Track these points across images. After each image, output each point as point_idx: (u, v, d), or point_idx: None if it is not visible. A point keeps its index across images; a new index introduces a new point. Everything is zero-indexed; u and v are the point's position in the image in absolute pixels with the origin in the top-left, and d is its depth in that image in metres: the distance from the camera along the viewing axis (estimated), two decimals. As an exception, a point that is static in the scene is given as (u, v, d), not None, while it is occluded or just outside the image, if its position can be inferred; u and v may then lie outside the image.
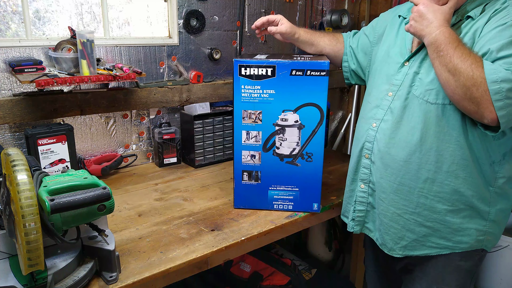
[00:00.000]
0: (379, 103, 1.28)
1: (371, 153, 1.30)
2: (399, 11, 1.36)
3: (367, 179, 1.34)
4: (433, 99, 1.15)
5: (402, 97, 1.22)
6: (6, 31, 1.51)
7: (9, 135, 1.57)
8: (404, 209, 1.25)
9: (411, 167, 1.20)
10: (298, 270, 2.21)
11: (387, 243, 1.31)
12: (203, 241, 1.26)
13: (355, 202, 1.38)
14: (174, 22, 1.87)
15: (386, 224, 1.29)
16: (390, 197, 1.26)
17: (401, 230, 1.27)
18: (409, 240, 1.26)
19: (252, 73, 1.33)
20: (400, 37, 1.31)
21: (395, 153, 1.22)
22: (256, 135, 1.40)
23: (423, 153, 1.18)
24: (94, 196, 0.92)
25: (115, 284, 1.04)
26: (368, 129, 1.31)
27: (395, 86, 1.25)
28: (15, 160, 0.85)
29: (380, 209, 1.30)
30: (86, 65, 1.49)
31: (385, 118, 1.26)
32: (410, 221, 1.25)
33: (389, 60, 1.31)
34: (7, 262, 0.99)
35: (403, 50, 1.27)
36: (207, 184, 1.73)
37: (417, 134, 1.18)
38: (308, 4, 2.33)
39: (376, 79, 1.35)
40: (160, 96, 1.86)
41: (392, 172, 1.24)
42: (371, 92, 1.36)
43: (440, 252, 1.25)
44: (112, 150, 1.85)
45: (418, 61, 1.21)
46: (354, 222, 1.41)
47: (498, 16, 1.08)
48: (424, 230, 1.24)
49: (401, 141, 1.21)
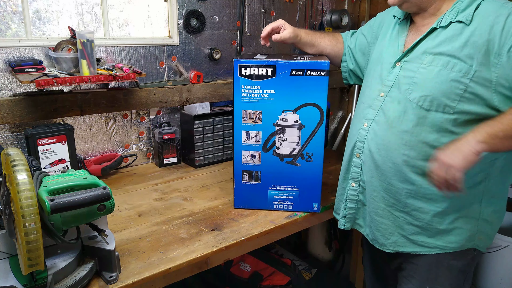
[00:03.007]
0: (371, 103, 1.28)
1: (362, 152, 1.30)
2: (395, 11, 1.35)
3: (358, 178, 1.34)
4: (427, 106, 1.14)
5: (395, 98, 1.21)
6: (6, 31, 1.51)
7: (9, 135, 1.57)
8: (394, 207, 1.26)
9: (400, 169, 1.20)
10: (298, 270, 2.21)
11: (378, 239, 1.32)
12: (203, 241, 1.26)
13: (346, 200, 1.39)
14: (174, 22, 1.87)
15: (377, 221, 1.30)
16: (380, 194, 1.27)
17: (391, 226, 1.28)
18: (399, 236, 1.27)
19: (252, 73, 1.33)
20: (394, 37, 1.31)
21: (385, 154, 1.22)
22: (256, 135, 1.40)
23: (412, 156, 1.18)
24: (94, 196, 0.92)
25: (115, 284, 1.04)
26: (360, 129, 1.31)
27: (386, 86, 1.25)
28: (15, 160, 0.85)
29: (372, 206, 1.31)
30: (86, 65, 1.49)
31: (376, 119, 1.26)
32: (399, 219, 1.26)
33: (382, 61, 1.30)
34: (7, 262, 0.99)
35: (396, 51, 1.27)
36: (207, 184, 1.73)
37: (408, 138, 1.18)
38: (308, 4, 2.33)
39: (370, 79, 1.35)
40: (160, 96, 1.86)
41: (382, 172, 1.25)
42: (364, 91, 1.36)
43: (431, 252, 1.25)
44: (112, 150, 1.85)
45: (413, 64, 1.20)
46: (345, 220, 1.42)
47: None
48: (413, 229, 1.25)
49: (391, 143, 1.21)
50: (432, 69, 1.15)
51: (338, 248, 2.57)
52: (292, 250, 2.51)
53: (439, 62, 1.14)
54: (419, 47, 1.20)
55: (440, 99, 1.13)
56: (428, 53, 1.17)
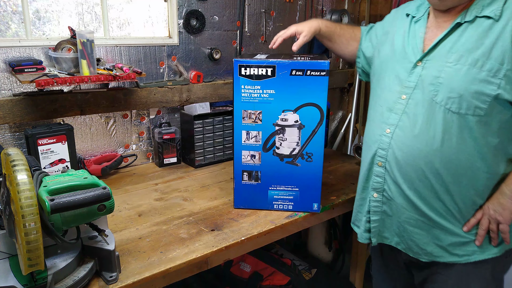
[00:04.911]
0: (392, 107, 1.20)
1: (385, 161, 1.22)
2: (408, 9, 1.30)
3: (381, 188, 1.26)
4: (456, 108, 1.08)
5: (419, 101, 1.14)
6: (6, 31, 1.51)
7: (9, 135, 1.57)
8: (428, 216, 1.19)
9: (430, 178, 1.15)
10: (298, 270, 2.21)
11: (412, 248, 1.25)
12: (203, 241, 1.26)
13: (369, 212, 1.31)
14: (174, 22, 1.87)
15: (410, 231, 1.23)
16: (412, 205, 1.20)
17: (425, 236, 1.21)
18: (434, 246, 1.20)
19: (252, 73, 1.33)
20: (411, 35, 1.23)
21: (413, 163, 1.15)
22: (256, 135, 1.40)
23: (443, 164, 1.12)
24: (94, 196, 0.92)
25: (115, 284, 1.04)
26: (381, 135, 1.22)
27: (408, 88, 1.17)
28: (15, 160, 0.85)
29: (403, 217, 1.23)
30: (86, 65, 1.49)
31: (400, 124, 1.17)
32: (435, 228, 1.19)
33: (398, 60, 1.23)
34: (7, 262, 0.99)
35: (415, 49, 1.19)
36: (207, 184, 1.73)
37: (437, 144, 1.11)
38: (308, 4, 2.33)
39: (386, 79, 1.26)
40: (160, 96, 1.86)
41: (412, 182, 1.17)
42: (381, 94, 1.28)
43: (469, 260, 1.18)
44: (112, 150, 1.85)
45: (437, 62, 1.12)
46: (369, 234, 1.34)
47: None
48: (450, 239, 1.18)
49: (420, 151, 1.14)
50: (459, 68, 1.08)
51: (338, 248, 2.57)
52: (292, 250, 2.51)
53: (467, 61, 1.07)
54: (443, 44, 1.12)
55: (469, 100, 1.06)
56: (454, 51, 1.10)
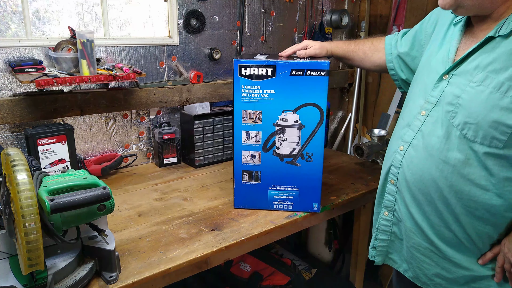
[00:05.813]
0: (410, 122, 1.12)
1: (397, 179, 1.15)
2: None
3: (392, 207, 1.20)
4: (472, 136, 0.96)
5: (438, 120, 1.03)
6: (6, 31, 1.51)
7: (9, 135, 1.57)
8: (437, 245, 1.11)
9: (439, 206, 1.06)
10: (298, 270, 2.21)
11: (420, 277, 1.18)
12: (203, 241, 1.26)
13: (378, 229, 1.26)
14: (174, 22, 1.87)
15: (419, 259, 1.15)
16: (421, 231, 1.12)
17: (435, 267, 1.13)
18: (445, 278, 1.12)
19: (252, 73, 1.33)
20: (447, 41, 1.10)
21: (423, 187, 1.07)
22: (256, 135, 1.40)
23: (453, 194, 1.03)
24: (94, 196, 0.92)
25: (115, 284, 1.04)
26: (395, 152, 1.15)
27: (429, 104, 1.07)
28: (15, 160, 0.85)
29: (412, 242, 1.15)
30: (86, 65, 1.49)
31: (414, 143, 1.09)
32: (445, 260, 1.10)
33: (429, 69, 1.12)
34: (7, 262, 0.99)
35: (445, 59, 1.06)
36: (207, 184, 1.73)
37: (448, 171, 1.01)
38: (308, 4, 2.33)
39: (415, 88, 1.17)
40: (160, 96, 1.86)
41: (421, 206, 1.10)
42: (407, 103, 1.19)
43: None
44: (112, 150, 1.85)
45: (462, 79, 1.00)
46: (375, 251, 1.29)
47: None
48: (462, 272, 1.09)
49: (430, 175, 1.05)
50: (481, 90, 0.95)
51: (338, 248, 2.57)
52: (292, 250, 2.50)
53: (491, 83, 0.93)
54: (471, 59, 1.00)
55: (486, 129, 0.94)
56: (481, 69, 0.96)
